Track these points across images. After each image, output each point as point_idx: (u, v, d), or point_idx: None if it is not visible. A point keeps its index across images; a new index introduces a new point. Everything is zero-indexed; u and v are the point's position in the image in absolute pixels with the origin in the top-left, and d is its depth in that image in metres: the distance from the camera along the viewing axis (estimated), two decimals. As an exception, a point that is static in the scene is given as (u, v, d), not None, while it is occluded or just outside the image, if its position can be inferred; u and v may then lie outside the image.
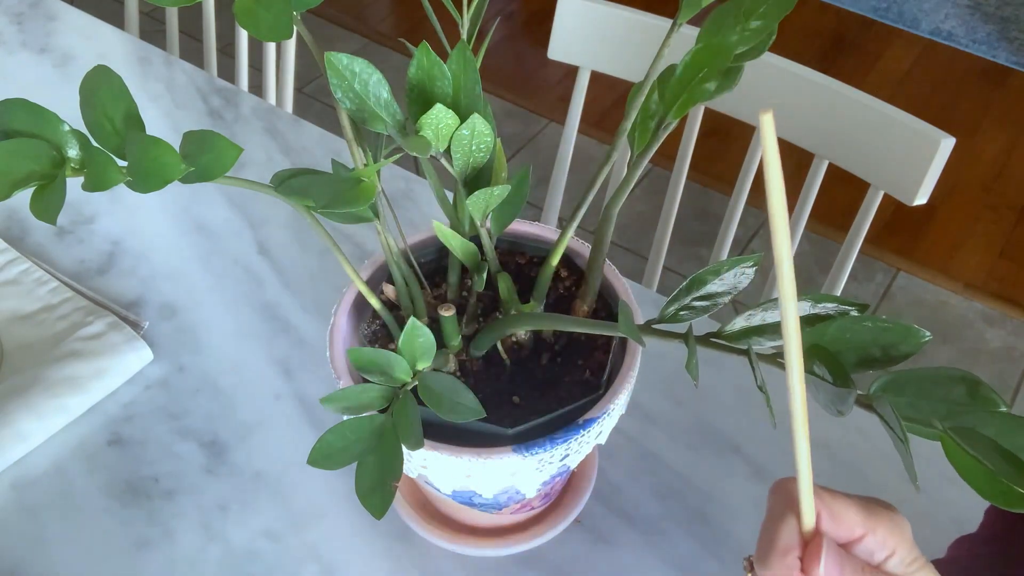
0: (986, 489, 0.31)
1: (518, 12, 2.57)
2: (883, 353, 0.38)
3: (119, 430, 0.67)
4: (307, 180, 0.43)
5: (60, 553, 0.61)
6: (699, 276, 0.43)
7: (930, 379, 0.34)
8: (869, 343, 0.38)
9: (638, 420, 0.68)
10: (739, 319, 0.41)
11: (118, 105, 0.39)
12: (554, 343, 0.54)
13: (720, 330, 0.42)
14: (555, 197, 1.07)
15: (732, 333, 0.41)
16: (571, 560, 0.61)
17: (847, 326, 0.38)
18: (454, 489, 0.51)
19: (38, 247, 0.80)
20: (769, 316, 0.41)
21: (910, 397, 0.35)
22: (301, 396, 0.70)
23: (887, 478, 0.65)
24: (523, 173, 0.48)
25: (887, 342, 0.38)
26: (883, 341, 0.38)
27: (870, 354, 0.38)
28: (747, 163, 0.96)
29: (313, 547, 0.61)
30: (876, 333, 0.38)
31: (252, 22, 0.38)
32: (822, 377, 0.35)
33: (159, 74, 0.99)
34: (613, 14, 0.95)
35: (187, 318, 0.75)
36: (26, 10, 1.08)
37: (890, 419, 0.33)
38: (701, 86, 0.44)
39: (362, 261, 0.57)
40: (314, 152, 0.90)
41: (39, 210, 0.38)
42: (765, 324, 0.41)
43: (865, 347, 0.38)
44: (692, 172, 1.05)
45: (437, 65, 0.42)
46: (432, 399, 0.44)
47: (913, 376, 0.35)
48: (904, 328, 0.38)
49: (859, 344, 0.38)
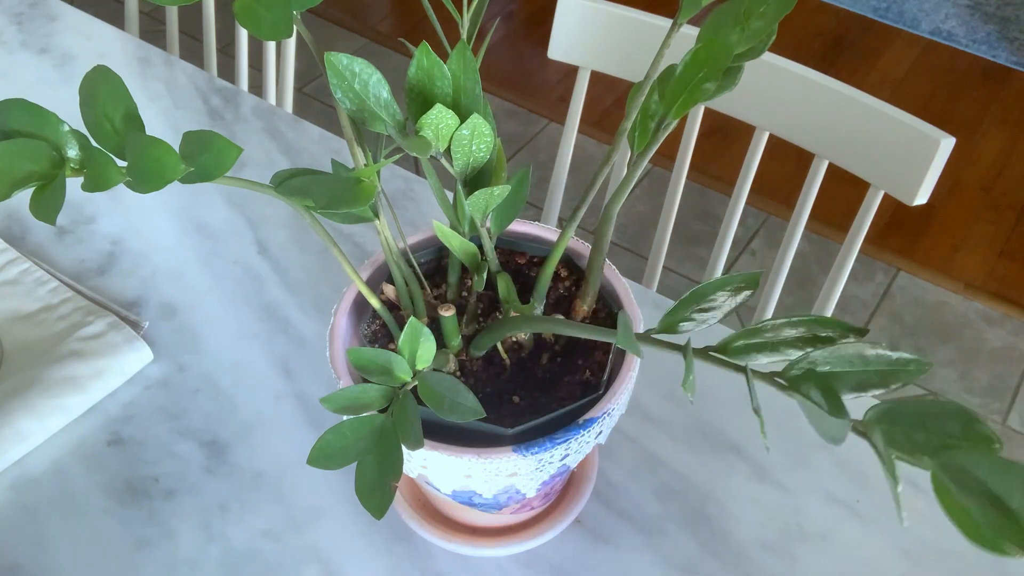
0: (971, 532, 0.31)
1: (518, 12, 2.57)
2: (880, 378, 0.38)
3: (119, 430, 0.67)
4: (307, 180, 0.43)
5: (60, 553, 0.61)
6: (699, 290, 0.43)
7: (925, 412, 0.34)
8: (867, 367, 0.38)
9: (638, 420, 0.68)
10: (739, 334, 0.41)
11: (118, 105, 0.39)
12: (554, 343, 0.54)
13: (720, 344, 0.42)
14: (555, 197, 1.07)
15: (732, 348, 0.41)
16: (571, 560, 0.61)
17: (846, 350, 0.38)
18: (454, 489, 0.51)
19: (38, 247, 0.80)
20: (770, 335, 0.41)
21: (905, 427, 0.34)
22: (301, 396, 0.70)
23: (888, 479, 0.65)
24: (523, 173, 0.48)
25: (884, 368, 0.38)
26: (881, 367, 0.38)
27: (867, 379, 0.38)
28: (747, 163, 0.96)
29: (313, 547, 0.61)
30: (874, 359, 0.38)
31: (252, 21, 0.38)
32: (817, 404, 0.35)
33: (159, 74, 0.99)
34: (613, 14, 0.95)
35: (187, 318, 0.75)
36: (26, 10, 1.08)
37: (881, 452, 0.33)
38: (701, 86, 0.44)
39: (362, 261, 0.57)
40: (314, 152, 0.90)
41: (39, 210, 0.38)
42: (764, 342, 0.41)
43: (864, 371, 0.38)
44: (692, 172, 1.05)
45: (437, 65, 0.42)
46: (432, 399, 0.44)
47: (908, 408, 0.35)
48: (906, 359, 0.38)
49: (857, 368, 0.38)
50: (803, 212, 0.94)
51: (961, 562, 0.60)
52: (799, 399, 0.36)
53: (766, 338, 0.41)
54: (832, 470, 0.65)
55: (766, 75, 0.88)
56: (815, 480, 0.65)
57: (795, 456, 0.66)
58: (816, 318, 0.41)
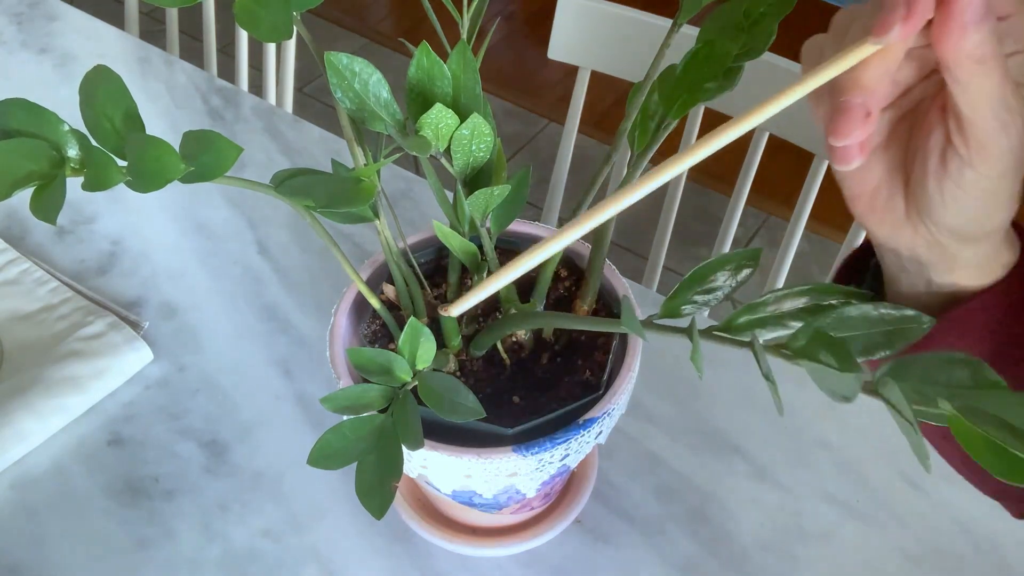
0: (997, 465, 0.31)
1: (518, 12, 2.57)
2: (886, 339, 0.38)
3: (119, 430, 0.67)
4: (307, 180, 0.43)
5: (60, 553, 0.61)
6: (700, 270, 0.43)
7: (934, 363, 0.34)
8: (872, 329, 0.38)
9: (638, 420, 0.68)
10: (742, 311, 0.42)
11: (118, 105, 0.39)
12: (554, 343, 0.54)
13: (723, 323, 0.42)
14: (555, 197, 1.07)
15: (735, 326, 0.41)
16: (571, 560, 0.61)
17: (850, 313, 0.38)
18: (454, 489, 0.51)
19: (38, 247, 0.80)
20: (772, 308, 0.41)
21: (914, 382, 0.35)
22: (301, 396, 0.70)
23: (887, 478, 0.65)
24: (523, 173, 0.48)
25: (890, 328, 0.38)
26: (886, 327, 0.38)
27: (873, 340, 0.38)
28: (747, 163, 0.96)
29: (313, 547, 0.61)
30: (879, 320, 0.38)
31: (252, 22, 0.38)
32: (827, 364, 0.35)
33: (159, 74, 0.99)
34: (613, 14, 0.95)
35: (187, 318, 0.75)
36: (26, 10, 1.08)
37: (899, 403, 0.33)
38: (701, 86, 0.44)
39: (362, 261, 0.57)
40: (314, 152, 0.90)
41: (39, 210, 0.38)
42: (767, 316, 0.41)
43: (868, 333, 0.38)
44: (692, 172, 1.05)
45: (437, 65, 0.42)
46: (432, 399, 0.44)
47: (917, 361, 0.35)
48: (911, 315, 0.38)
49: (862, 330, 0.38)
50: (803, 212, 0.94)
51: (961, 562, 0.60)
52: (807, 365, 0.36)
53: (769, 312, 0.41)
54: (832, 470, 0.65)
55: (766, 75, 0.88)
56: (815, 480, 0.65)
57: (795, 456, 0.66)
58: (819, 286, 0.41)
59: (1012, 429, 0.30)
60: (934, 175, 0.37)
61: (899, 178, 0.40)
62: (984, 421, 0.31)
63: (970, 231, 0.38)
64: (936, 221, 0.38)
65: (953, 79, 0.34)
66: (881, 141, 0.40)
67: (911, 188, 0.39)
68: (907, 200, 0.40)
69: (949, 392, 0.34)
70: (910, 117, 0.39)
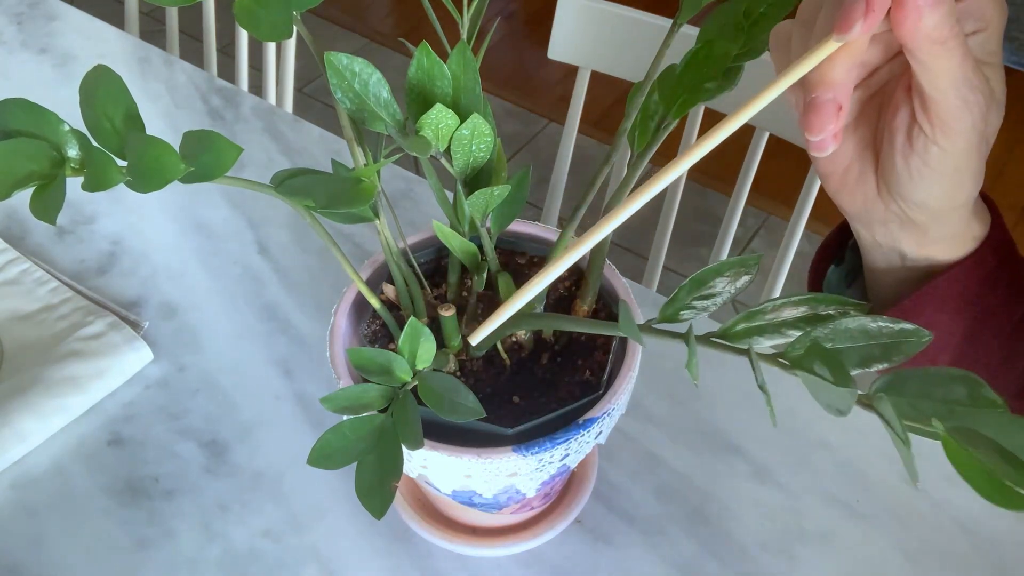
0: (986, 489, 0.31)
1: (518, 12, 2.57)
2: (883, 352, 0.38)
3: (119, 430, 0.67)
4: (307, 180, 0.43)
5: (60, 553, 0.61)
6: (700, 275, 0.43)
7: (931, 378, 0.34)
8: (870, 341, 0.38)
9: (638, 420, 0.68)
10: (740, 318, 0.42)
11: (118, 105, 0.39)
12: (554, 343, 0.54)
13: (721, 330, 0.42)
14: (555, 197, 1.07)
15: (733, 333, 0.41)
16: (571, 560, 0.61)
17: (848, 324, 0.38)
18: (454, 489, 0.51)
19: (38, 247, 0.80)
20: (770, 316, 0.41)
21: (910, 397, 0.35)
22: (301, 396, 0.70)
23: (887, 478, 0.65)
24: (523, 173, 0.48)
25: (888, 341, 0.38)
26: (884, 340, 0.38)
27: (871, 352, 0.38)
28: (747, 163, 0.96)
29: (313, 547, 0.61)
30: (876, 332, 0.38)
31: (252, 22, 0.38)
32: (822, 377, 0.35)
33: (159, 74, 0.99)
34: (613, 14, 0.95)
35: (187, 318, 0.75)
36: (26, 10, 1.08)
37: (890, 419, 0.33)
38: (701, 86, 0.44)
39: (362, 261, 0.57)
40: (314, 152, 0.90)
41: (39, 210, 0.38)
42: (765, 324, 0.41)
43: (866, 346, 0.38)
44: (692, 172, 1.05)
45: (437, 65, 0.42)
46: (432, 399, 0.44)
47: (913, 376, 0.35)
48: (909, 330, 0.38)
49: (860, 342, 0.38)
50: (803, 212, 0.94)
51: (961, 562, 0.60)
52: (803, 376, 0.36)
53: (767, 320, 0.41)
54: (832, 470, 0.65)
55: (766, 75, 0.88)
56: (815, 480, 0.65)
57: (795, 456, 0.66)
58: (816, 296, 0.41)
59: (1004, 453, 0.30)
60: (901, 152, 0.38)
61: (869, 156, 0.41)
62: (977, 443, 0.31)
63: (938, 206, 0.40)
64: (905, 197, 0.40)
65: (915, 60, 0.35)
66: (851, 121, 0.41)
67: (881, 165, 0.40)
68: (877, 177, 0.41)
69: (946, 408, 0.33)
70: (879, 96, 0.41)
